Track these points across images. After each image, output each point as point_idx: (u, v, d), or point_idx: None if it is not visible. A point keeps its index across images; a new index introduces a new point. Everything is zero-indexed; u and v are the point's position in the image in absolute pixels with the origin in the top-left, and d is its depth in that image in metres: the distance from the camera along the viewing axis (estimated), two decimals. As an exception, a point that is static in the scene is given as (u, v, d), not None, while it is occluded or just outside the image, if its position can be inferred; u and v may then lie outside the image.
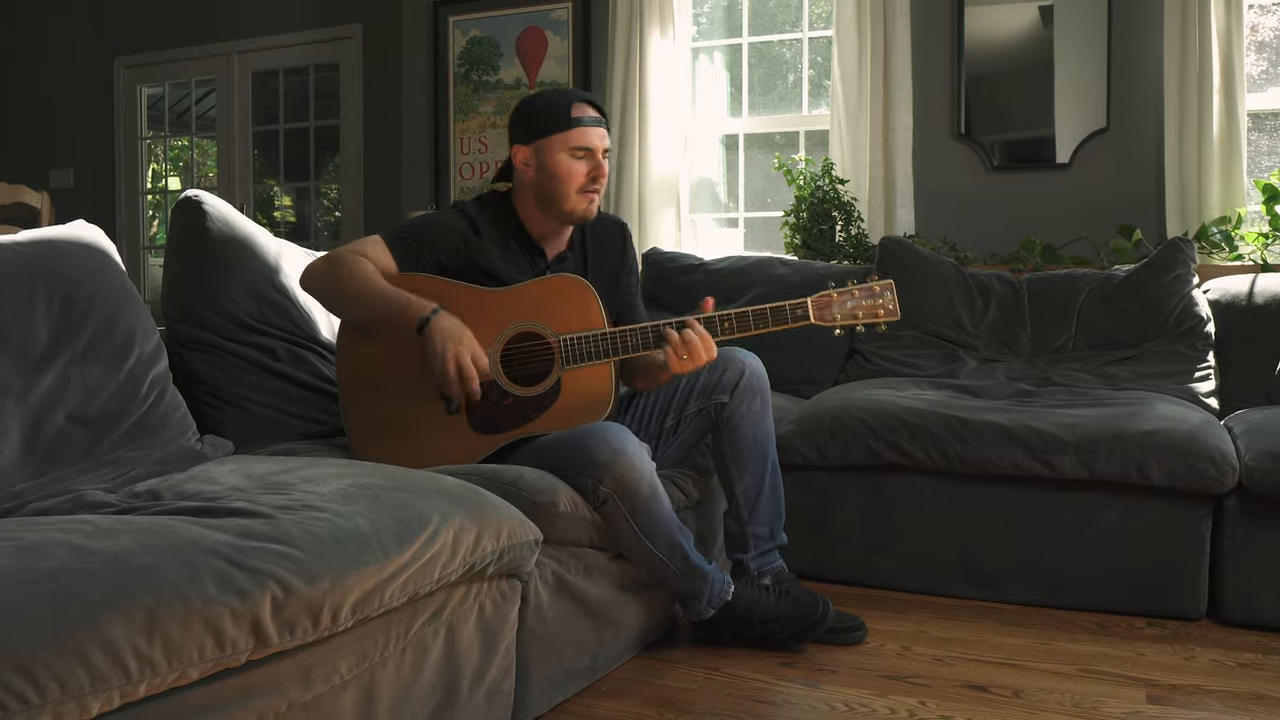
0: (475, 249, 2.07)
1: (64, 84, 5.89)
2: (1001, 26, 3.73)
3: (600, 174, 2.07)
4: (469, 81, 4.57)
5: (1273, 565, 2.23)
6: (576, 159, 2.04)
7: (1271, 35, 3.57)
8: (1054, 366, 2.99)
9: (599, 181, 2.07)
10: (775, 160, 3.94)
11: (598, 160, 2.06)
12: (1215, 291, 3.02)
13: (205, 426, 2.07)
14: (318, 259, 2.06)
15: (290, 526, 1.28)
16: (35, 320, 1.69)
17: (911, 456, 2.46)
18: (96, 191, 5.87)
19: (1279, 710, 1.82)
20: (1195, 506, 2.29)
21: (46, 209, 4.23)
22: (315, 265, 2.05)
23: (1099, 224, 3.54)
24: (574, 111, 2.05)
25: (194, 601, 1.09)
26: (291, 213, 5.88)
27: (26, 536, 1.16)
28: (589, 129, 2.05)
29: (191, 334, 2.16)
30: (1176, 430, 2.31)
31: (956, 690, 1.92)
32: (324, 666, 1.28)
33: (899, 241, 3.37)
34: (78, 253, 1.83)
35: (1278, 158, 3.53)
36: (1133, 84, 3.55)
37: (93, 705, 1.00)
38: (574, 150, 2.04)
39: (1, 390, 1.59)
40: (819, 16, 4.18)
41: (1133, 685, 1.94)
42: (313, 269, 2.05)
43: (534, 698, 1.75)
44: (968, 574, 2.47)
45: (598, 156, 2.06)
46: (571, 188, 2.05)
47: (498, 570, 1.60)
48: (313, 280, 2.04)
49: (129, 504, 1.41)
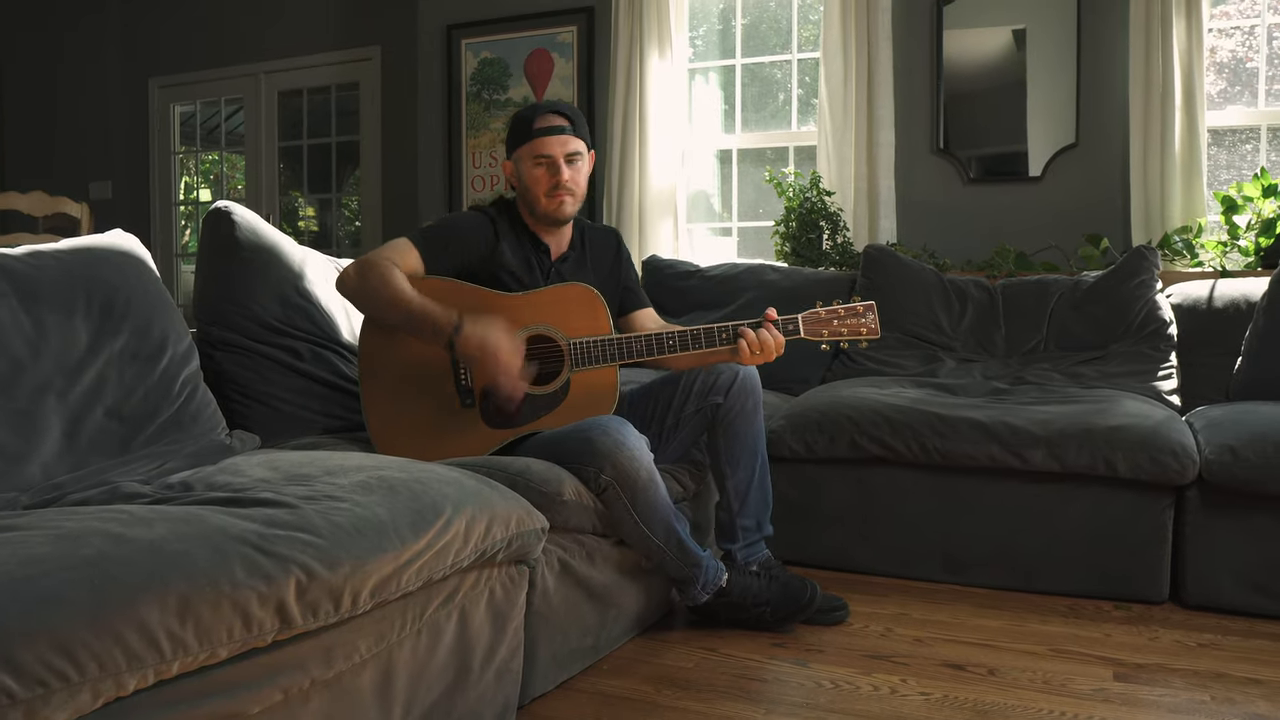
0: (495, 247, 2.11)
1: (103, 103, 5.89)
2: (978, 49, 3.73)
3: (561, 177, 2.08)
4: (480, 100, 4.56)
5: (1231, 552, 2.23)
6: (539, 166, 2.09)
7: (1230, 57, 3.57)
8: (1027, 366, 2.99)
9: (562, 185, 2.09)
10: (766, 173, 3.94)
11: (558, 165, 2.08)
12: (1177, 296, 3.02)
13: (234, 422, 2.07)
14: (351, 265, 2.04)
15: (313, 516, 1.28)
16: (76, 323, 1.69)
17: (894, 450, 2.47)
18: (133, 202, 5.87)
19: (1237, 687, 1.82)
20: (1158, 497, 2.29)
21: (86, 219, 4.23)
22: (349, 272, 2.03)
23: (1068, 233, 3.55)
24: (537, 124, 2.09)
25: (223, 586, 1.09)
26: (314, 223, 5.87)
27: (67, 525, 1.16)
28: (548, 138, 2.08)
29: (221, 336, 2.15)
30: (1141, 426, 2.31)
31: (935, 669, 1.92)
32: (345, 646, 1.28)
33: (882, 249, 3.37)
34: (115, 260, 1.83)
35: (1236, 171, 3.53)
36: (1100, 102, 3.55)
37: (129, 683, 1.00)
38: (537, 159, 2.09)
39: (44, 388, 1.60)
40: (807, 39, 4.18)
41: (1100, 664, 1.94)
42: (347, 275, 2.03)
43: (541, 676, 1.76)
44: (946, 560, 2.47)
45: (558, 162, 2.08)
46: (539, 193, 2.10)
47: (507, 557, 1.60)
48: (347, 286, 2.03)
49: (163, 495, 1.41)
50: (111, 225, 2.04)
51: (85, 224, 4.22)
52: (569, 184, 2.09)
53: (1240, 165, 3.53)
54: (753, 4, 4.28)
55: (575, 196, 2.13)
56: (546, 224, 2.16)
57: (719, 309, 3.35)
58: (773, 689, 1.83)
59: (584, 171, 2.15)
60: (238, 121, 5.82)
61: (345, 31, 5.29)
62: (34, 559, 1.03)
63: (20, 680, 0.90)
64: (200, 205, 6.12)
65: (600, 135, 4.21)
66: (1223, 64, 3.57)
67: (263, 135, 5.61)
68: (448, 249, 2.06)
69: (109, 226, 2.00)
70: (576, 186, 2.12)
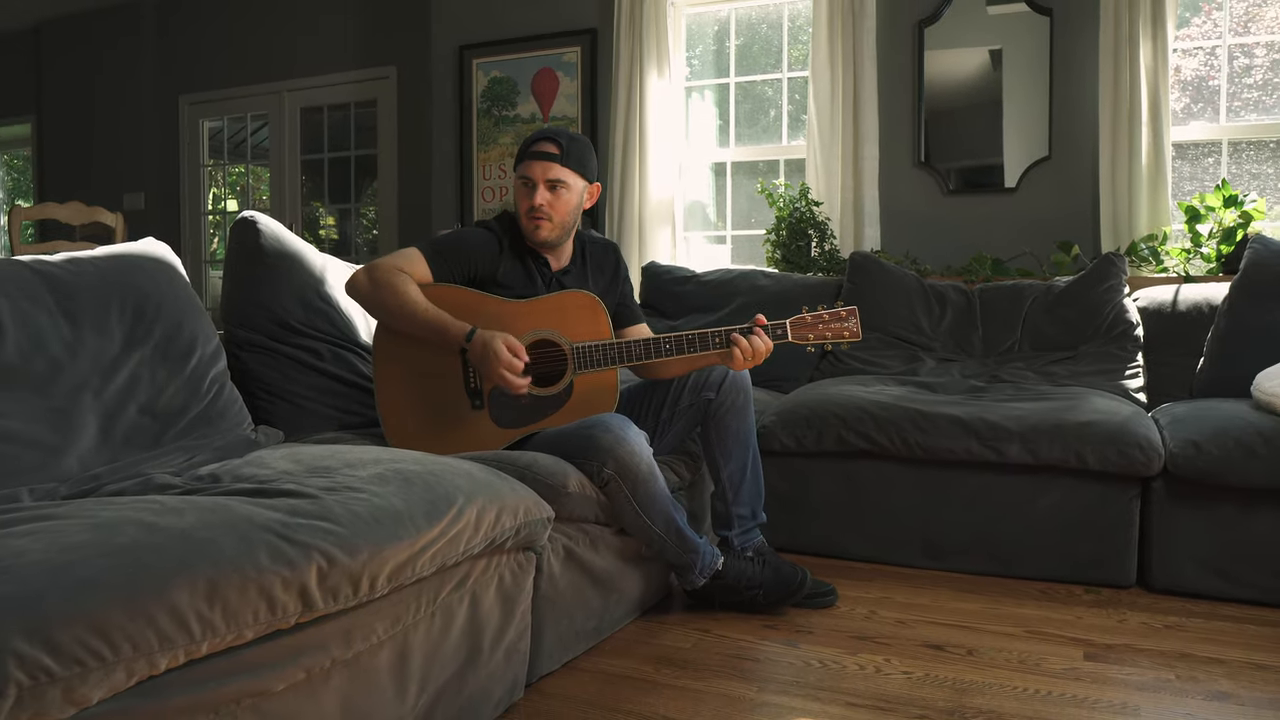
0: (499, 261, 2.08)
1: (136, 119, 5.89)
2: (957, 68, 3.72)
3: (534, 200, 2.03)
4: (490, 116, 4.56)
5: (1194, 539, 2.23)
6: (525, 187, 2.06)
7: (1193, 75, 3.56)
8: (1002, 366, 2.98)
9: (535, 208, 2.03)
10: (758, 185, 3.94)
11: (535, 188, 2.04)
12: (1144, 300, 3.02)
13: (259, 418, 2.07)
14: (360, 270, 2.02)
15: (333, 505, 1.28)
16: (111, 325, 1.69)
17: (878, 444, 2.46)
18: (164, 212, 5.87)
19: (1200, 666, 1.82)
20: (1126, 488, 2.29)
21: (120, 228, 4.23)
22: (359, 277, 2.00)
23: (1042, 241, 3.54)
24: (531, 147, 2.06)
25: (249, 571, 1.09)
26: (335, 231, 5.87)
27: (103, 514, 1.16)
28: (533, 161, 2.05)
29: (247, 337, 2.15)
30: (1110, 421, 2.30)
31: (917, 649, 1.92)
32: (363, 628, 1.28)
33: (866, 256, 3.36)
34: (147, 266, 1.84)
35: (1199, 183, 3.53)
36: (1071, 118, 3.55)
37: (160, 662, 1.00)
38: (522, 180, 2.07)
39: (81, 387, 1.60)
40: (797, 59, 4.18)
41: (1072, 645, 1.94)
42: (358, 281, 2.00)
43: (547, 656, 1.76)
44: (927, 547, 2.47)
45: (538, 185, 2.03)
46: (521, 212, 2.08)
47: (515, 544, 1.60)
48: (360, 292, 2.00)
49: (192, 486, 1.41)
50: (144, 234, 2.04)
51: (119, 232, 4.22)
52: (543, 207, 2.02)
53: (1203, 177, 3.53)
54: (746, 25, 4.28)
55: (553, 222, 2.05)
56: (533, 244, 2.11)
57: (714, 312, 3.35)
58: (765, 668, 1.83)
59: (566, 199, 2.05)
60: (263, 136, 5.82)
61: (363, 52, 5.29)
62: (72, 546, 1.03)
63: (59, 659, 0.90)
64: (227, 215, 6.12)
65: (603, 149, 4.20)
66: (1186, 82, 3.56)
67: (286, 149, 5.61)
68: (455, 261, 2.04)
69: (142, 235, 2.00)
70: (554, 212, 2.04)
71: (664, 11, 4.03)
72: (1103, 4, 3.38)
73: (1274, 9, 3.45)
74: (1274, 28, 3.46)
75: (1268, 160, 3.46)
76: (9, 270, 1.61)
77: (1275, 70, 3.45)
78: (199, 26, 5.76)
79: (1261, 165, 3.47)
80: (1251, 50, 3.48)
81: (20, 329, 1.55)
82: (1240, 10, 3.50)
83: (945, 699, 1.68)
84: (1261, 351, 2.51)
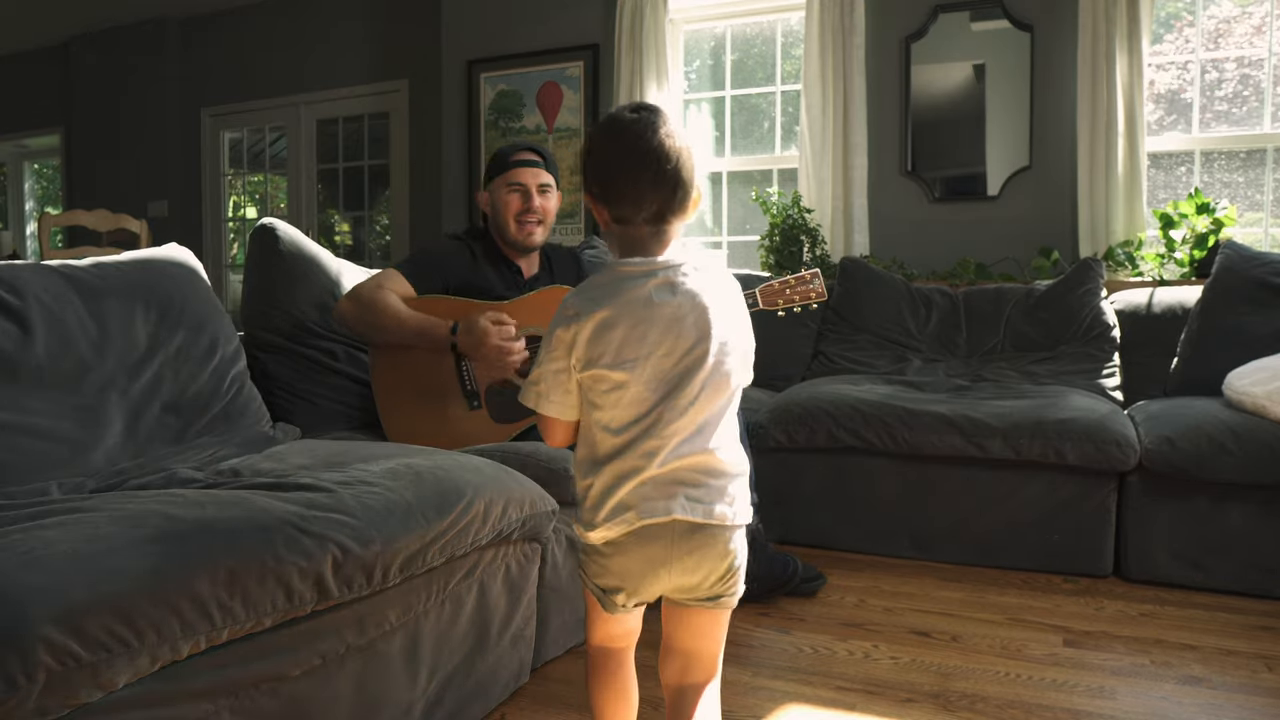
0: (474, 269, 2.11)
1: (160, 130, 5.88)
2: (942, 81, 3.72)
3: (532, 204, 2.09)
4: (497, 127, 4.56)
5: (1168, 531, 2.23)
6: (513, 193, 2.09)
7: (1167, 89, 3.56)
8: (985, 365, 2.98)
9: (533, 211, 2.09)
10: (753, 193, 3.94)
11: (530, 192, 2.09)
12: (1120, 303, 3.02)
13: (277, 416, 2.06)
14: (341, 299, 2.02)
15: (348, 499, 1.28)
16: (136, 327, 1.69)
17: (866, 440, 2.46)
18: (186, 219, 5.87)
19: (1174, 652, 1.82)
20: (1103, 482, 2.29)
21: (145, 234, 4.24)
22: (343, 306, 2.01)
23: (1023, 246, 3.54)
24: (513, 157, 2.11)
25: (268, 561, 1.09)
26: (349, 237, 5.86)
27: (128, 507, 1.16)
28: (524, 169, 2.09)
29: (266, 338, 2.15)
30: (1088, 418, 2.30)
31: (904, 635, 1.92)
32: (376, 616, 1.28)
33: (856, 261, 3.36)
34: (171, 271, 1.83)
35: (1172, 191, 3.53)
36: (1051, 129, 3.55)
37: (183, 648, 1.00)
38: (511, 186, 2.10)
39: (108, 385, 1.60)
40: (790, 73, 4.18)
41: (1052, 631, 1.94)
42: (343, 310, 2.01)
43: (551, 641, 1.75)
44: (913, 538, 2.47)
45: (531, 190, 2.09)
46: (509, 216, 2.10)
47: (521, 535, 1.60)
48: (346, 319, 2.01)
49: (214, 480, 1.41)
50: (167, 240, 2.04)
51: (144, 238, 4.22)
52: (539, 210, 2.10)
53: (1176, 186, 3.52)
54: (741, 41, 4.28)
55: (545, 225, 2.14)
56: (514, 249, 2.16)
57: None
58: (759, 654, 1.83)
59: (554, 203, 2.16)
60: (280, 147, 5.81)
61: (377, 66, 5.29)
62: (99, 537, 1.03)
63: (85, 645, 0.90)
64: (247, 222, 6.12)
65: (604, 159, 4.20)
66: (1160, 95, 3.56)
67: (302, 159, 5.61)
68: (433, 272, 2.07)
69: (165, 241, 2.00)
70: (546, 215, 2.13)
71: (663, 28, 4.03)
72: (1081, 21, 3.38)
73: (1244, 26, 3.45)
74: (1243, 44, 3.46)
75: (1238, 169, 3.46)
76: (39, 274, 1.61)
77: (1245, 84, 3.45)
78: (221, 43, 5.76)
79: (1232, 174, 3.47)
80: (1222, 65, 3.48)
81: (50, 331, 1.55)
82: (1211, 27, 3.50)
83: (931, 683, 1.68)
84: (1232, 351, 2.50)
